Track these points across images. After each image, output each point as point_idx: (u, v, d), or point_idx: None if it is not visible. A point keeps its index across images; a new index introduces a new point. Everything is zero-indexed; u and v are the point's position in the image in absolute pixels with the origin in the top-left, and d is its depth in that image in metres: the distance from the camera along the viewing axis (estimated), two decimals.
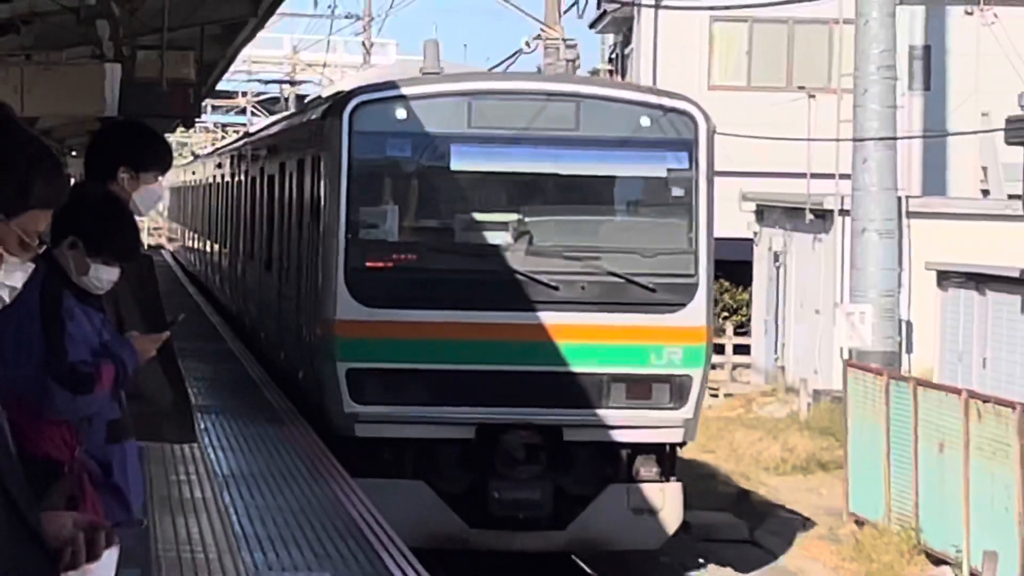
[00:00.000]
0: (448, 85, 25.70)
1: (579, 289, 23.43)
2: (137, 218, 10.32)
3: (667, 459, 24.34)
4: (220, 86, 52.27)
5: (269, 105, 77.19)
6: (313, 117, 27.44)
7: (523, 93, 24.99)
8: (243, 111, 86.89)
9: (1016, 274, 36.85)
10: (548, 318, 23.18)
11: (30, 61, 25.02)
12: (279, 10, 30.94)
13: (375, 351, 23.50)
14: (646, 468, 23.85)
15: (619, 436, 23.67)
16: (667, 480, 24.21)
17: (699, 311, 23.83)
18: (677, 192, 24.40)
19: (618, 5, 56.74)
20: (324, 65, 76.72)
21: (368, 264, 23.93)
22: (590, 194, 25.55)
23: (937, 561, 29.39)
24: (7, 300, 4.86)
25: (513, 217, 24.47)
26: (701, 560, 29.25)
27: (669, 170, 24.34)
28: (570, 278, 23.52)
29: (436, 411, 23.39)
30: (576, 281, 23.53)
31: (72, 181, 8.94)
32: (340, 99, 24.68)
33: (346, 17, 76.77)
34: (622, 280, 23.54)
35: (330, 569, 15.66)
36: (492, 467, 23.25)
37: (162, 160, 10.90)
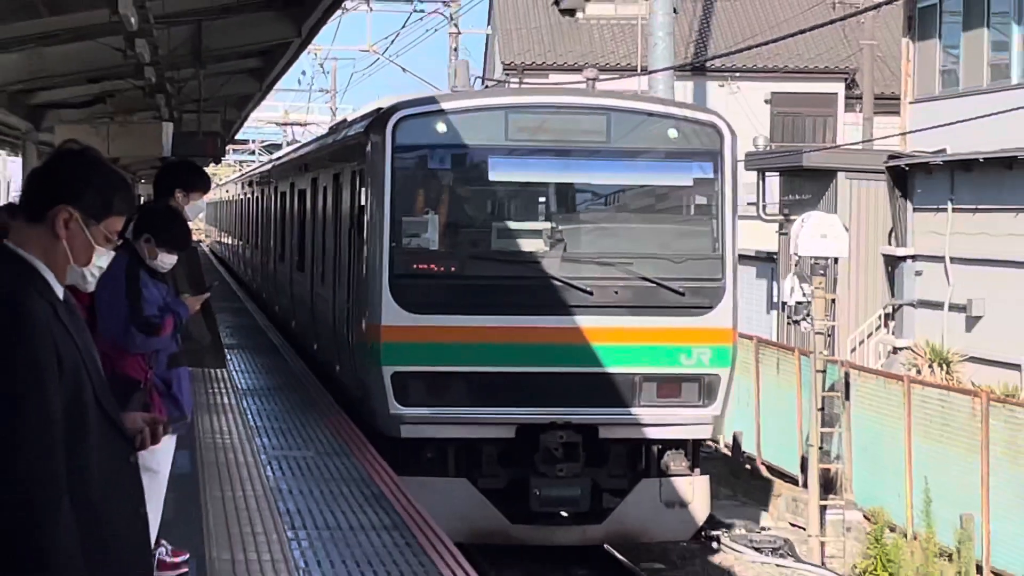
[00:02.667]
0: (485, 100, 19.43)
1: (613, 293, 17.18)
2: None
3: (693, 453, 18.16)
4: (237, 136, 52.08)
5: (269, 149, 76.62)
6: (352, 133, 20.35)
7: (557, 107, 18.17)
8: (252, 152, 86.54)
9: (752, 254, 37.27)
10: (584, 321, 17.12)
11: (113, 121, 24.84)
12: (275, 87, 30.93)
13: (418, 355, 16.93)
14: (675, 462, 17.51)
15: (652, 433, 17.40)
16: (694, 473, 17.99)
17: (726, 313, 17.60)
18: (704, 200, 18.36)
19: (495, 81, 56.46)
20: (305, 123, 77.11)
21: (411, 271, 17.16)
22: (621, 203, 18.85)
23: None
24: (97, 276, 4.90)
25: (548, 225, 17.86)
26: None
27: (695, 179, 18.04)
28: (604, 283, 17.21)
29: (477, 412, 16.97)
30: (610, 286, 17.21)
31: (141, 199, 9.01)
32: (382, 114, 17.87)
33: (319, 91, 76.56)
34: (653, 284, 17.21)
35: (312, 449, 15.65)
36: (533, 465, 17.01)
37: (204, 185, 10.98)
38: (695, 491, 17.37)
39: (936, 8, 30.93)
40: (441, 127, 17.21)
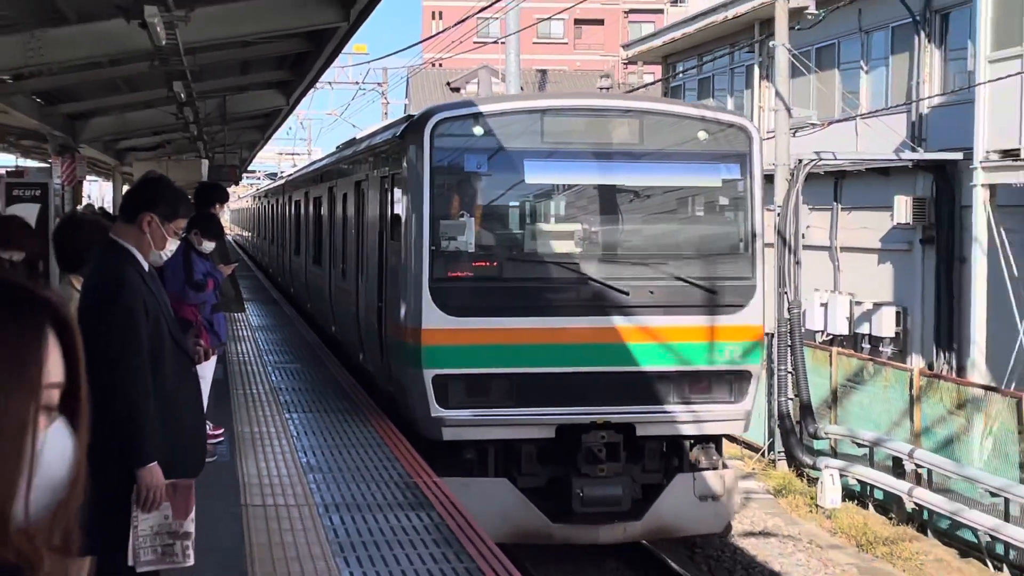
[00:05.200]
0: (521, 103, 12.92)
1: (648, 293, 11.49)
2: None
3: (720, 448, 12.34)
4: (249, 167, 51.49)
5: (270, 175, 75.83)
6: (381, 140, 13.89)
7: (591, 110, 12.24)
8: (259, 178, 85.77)
9: None
10: (620, 321, 11.43)
11: (170, 159, 24.60)
12: (273, 136, 30.63)
13: (458, 357, 11.16)
14: (706, 457, 11.88)
15: (687, 429, 11.70)
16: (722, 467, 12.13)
17: (756, 311, 11.79)
18: (733, 200, 12.29)
19: None
20: (293, 153, 76.96)
21: (450, 274, 11.34)
22: (654, 203, 12.51)
23: None
24: (168, 256, 4.92)
25: (584, 226, 12.08)
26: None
27: (724, 180, 12.19)
28: (639, 283, 11.51)
29: (518, 413, 11.23)
30: (645, 286, 11.51)
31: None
32: (420, 117, 11.82)
33: (299, 139, 76.61)
34: (687, 284, 11.56)
35: (300, 362, 15.59)
36: (575, 465, 11.34)
37: (225, 199, 10.94)
38: (725, 484, 11.83)
39: (682, 86, 31.30)
40: (478, 129, 11.53)
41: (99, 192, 50.60)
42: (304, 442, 10.36)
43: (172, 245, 4.91)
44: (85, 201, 25.59)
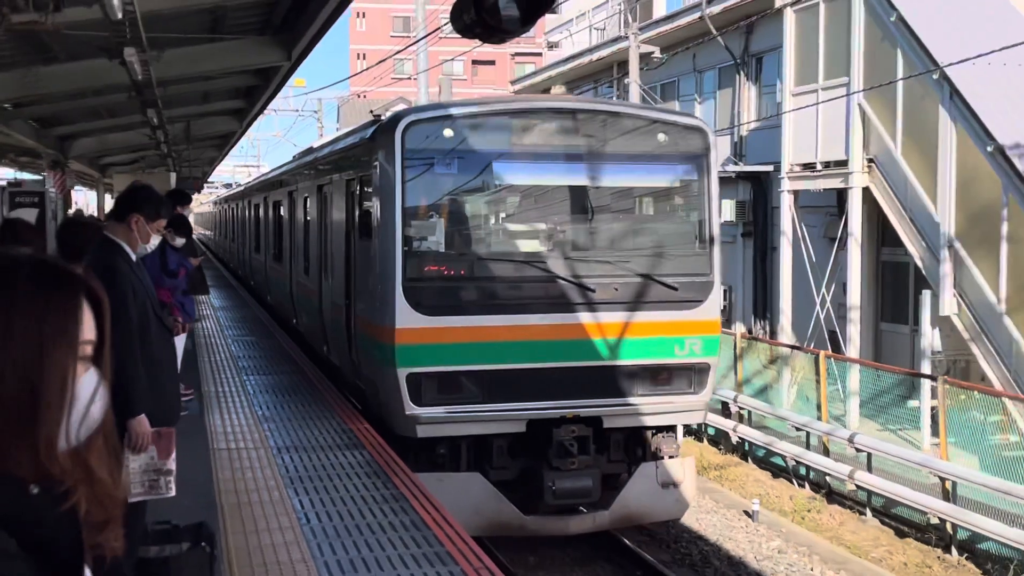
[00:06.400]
0: (489, 106, 9.90)
1: (612, 290, 9.44)
2: None
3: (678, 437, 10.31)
4: (210, 178, 50.41)
5: (227, 185, 74.15)
6: (347, 144, 11.37)
7: (557, 112, 9.79)
8: (217, 187, 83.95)
9: None
10: (586, 318, 9.41)
11: (144, 171, 24.02)
12: (229, 153, 30.09)
13: (431, 356, 8.97)
14: (667, 446, 9.88)
15: (650, 420, 9.64)
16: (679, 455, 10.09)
17: (714, 306, 9.74)
18: (691, 199, 10.02)
19: None
20: (247, 166, 75.52)
21: (422, 274, 9.10)
22: (618, 203, 10.08)
23: None
24: (150, 250, 4.90)
25: (551, 226, 9.77)
26: None
27: (682, 180, 10.05)
28: (604, 281, 9.43)
29: (490, 409, 9.10)
30: (609, 283, 9.44)
31: None
32: (390, 121, 9.41)
33: (251, 155, 75.05)
34: (650, 281, 9.52)
35: (255, 335, 15.33)
36: (545, 458, 9.34)
37: (188, 202, 10.76)
38: (685, 471, 9.95)
39: None
40: (448, 132, 9.33)
41: (85, 199, 49.14)
42: (259, 398, 10.27)
43: (155, 240, 4.90)
44: (75, 207, 24.88)
